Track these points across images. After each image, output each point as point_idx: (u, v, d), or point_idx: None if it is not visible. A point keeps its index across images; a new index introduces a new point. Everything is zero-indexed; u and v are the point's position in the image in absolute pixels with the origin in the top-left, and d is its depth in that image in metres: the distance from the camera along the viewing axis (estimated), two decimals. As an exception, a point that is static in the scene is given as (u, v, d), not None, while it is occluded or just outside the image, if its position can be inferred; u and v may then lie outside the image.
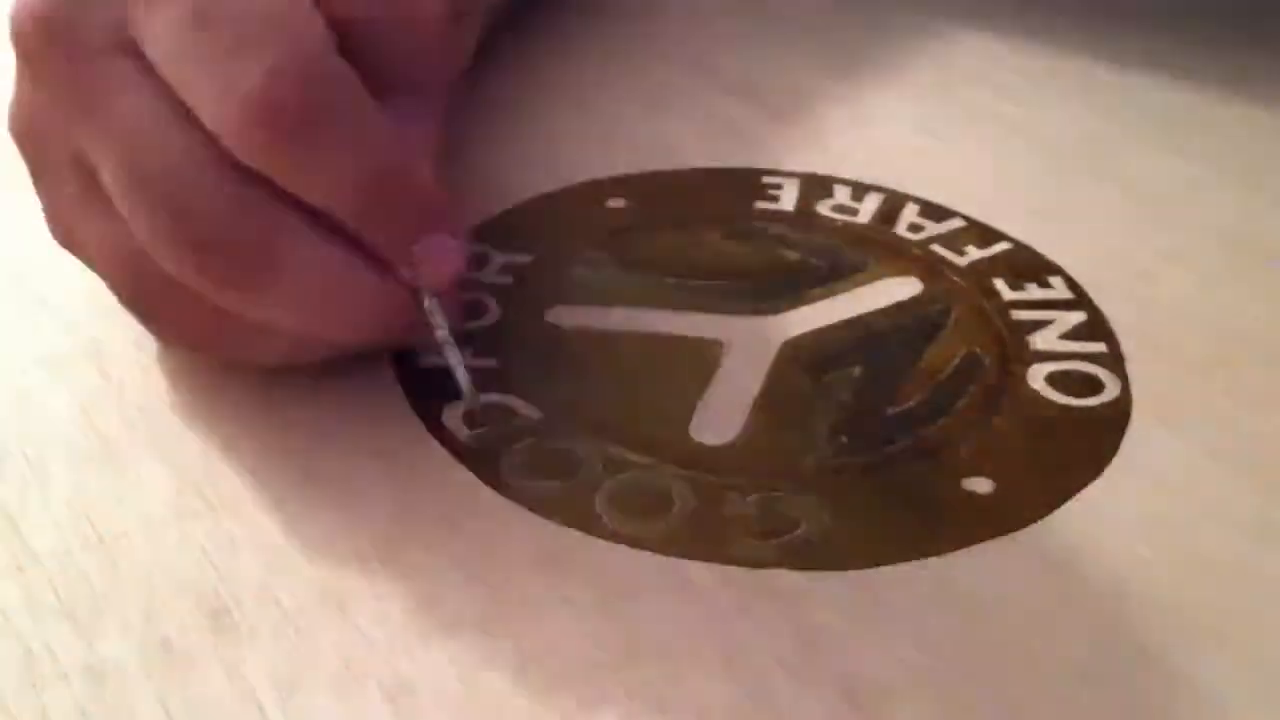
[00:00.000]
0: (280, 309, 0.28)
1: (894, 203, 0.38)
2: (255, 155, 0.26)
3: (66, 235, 0.30)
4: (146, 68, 0.27)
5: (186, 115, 0.27)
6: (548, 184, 0.39)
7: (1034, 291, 0.35)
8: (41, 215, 0.30)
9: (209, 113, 0.26)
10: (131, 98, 0.27)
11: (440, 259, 0.29)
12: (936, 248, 0.36)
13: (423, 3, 0.30)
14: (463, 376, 0.30)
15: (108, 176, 0.27)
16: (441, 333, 0.30)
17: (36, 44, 0.28)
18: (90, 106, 0.27)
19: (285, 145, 0.26)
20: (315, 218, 0.27)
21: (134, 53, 0.27)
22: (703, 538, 0.27)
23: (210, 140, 0.26)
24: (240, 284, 0.27)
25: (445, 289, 0.29)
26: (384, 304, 0.29)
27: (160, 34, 0.27)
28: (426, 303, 0.29)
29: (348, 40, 0.28)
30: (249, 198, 0.27)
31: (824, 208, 0.38)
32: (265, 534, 0.27)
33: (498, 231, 0.36)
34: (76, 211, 0.29)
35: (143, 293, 0.29)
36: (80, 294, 0.34)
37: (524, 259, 0.35)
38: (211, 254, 0.26)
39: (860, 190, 0.39)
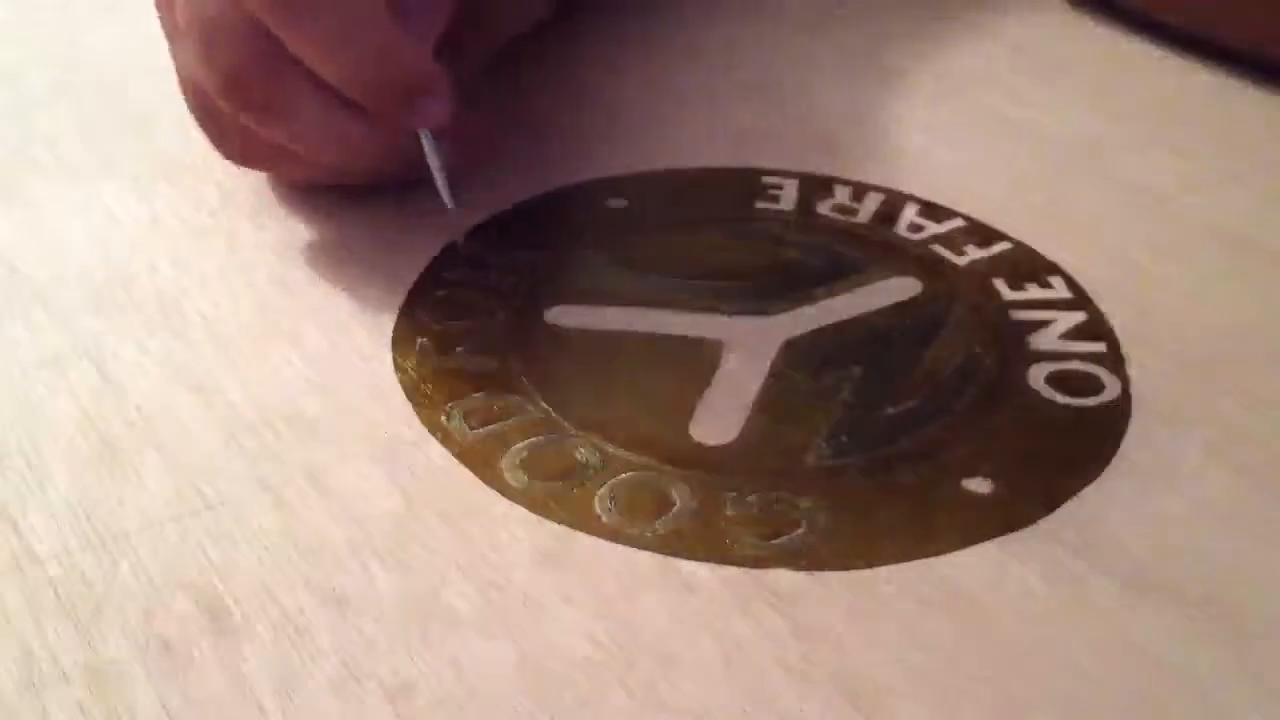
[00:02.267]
0: (289, 138, 0.33)
1: (894, 203, 0.38)
2: (265, 19, 0.32)
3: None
4: None
5: None
6: (548, 184, 0.39)
7: (1034, 291, 0.35)
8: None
9: None
10: None
11: (422, 120, 0.34)
12: (936, 248, 0.36)
13: None
14: (441, 179, 0.34)
15: (178, 13, 0.34)
16: (428, 143, 0.34)
17: None
18: None
19: (283, 24, 0.32)
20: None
21: None
22: (703, 538, 0.27)
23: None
24: (254, 111, 0.33)
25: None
26: (381, 139, 0.34)
27: None
28: (423, 136, 0.34)
29: None
30: (269, 48, 0.32)
31: (824, 208, 0.38)
32: (265, 534, 0.27)
33: (498, 231, 0.36)
34: (172, 36, 0.35)
35: (201, 111, 0.35)
36: (80, 294, 0.34)
37: (524, 259, 0.35)
38: (232, 83, 0.32)
39: (860, 190, 0.39)
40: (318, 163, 0.35)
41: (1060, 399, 0.31)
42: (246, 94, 0.33)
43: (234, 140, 0.35)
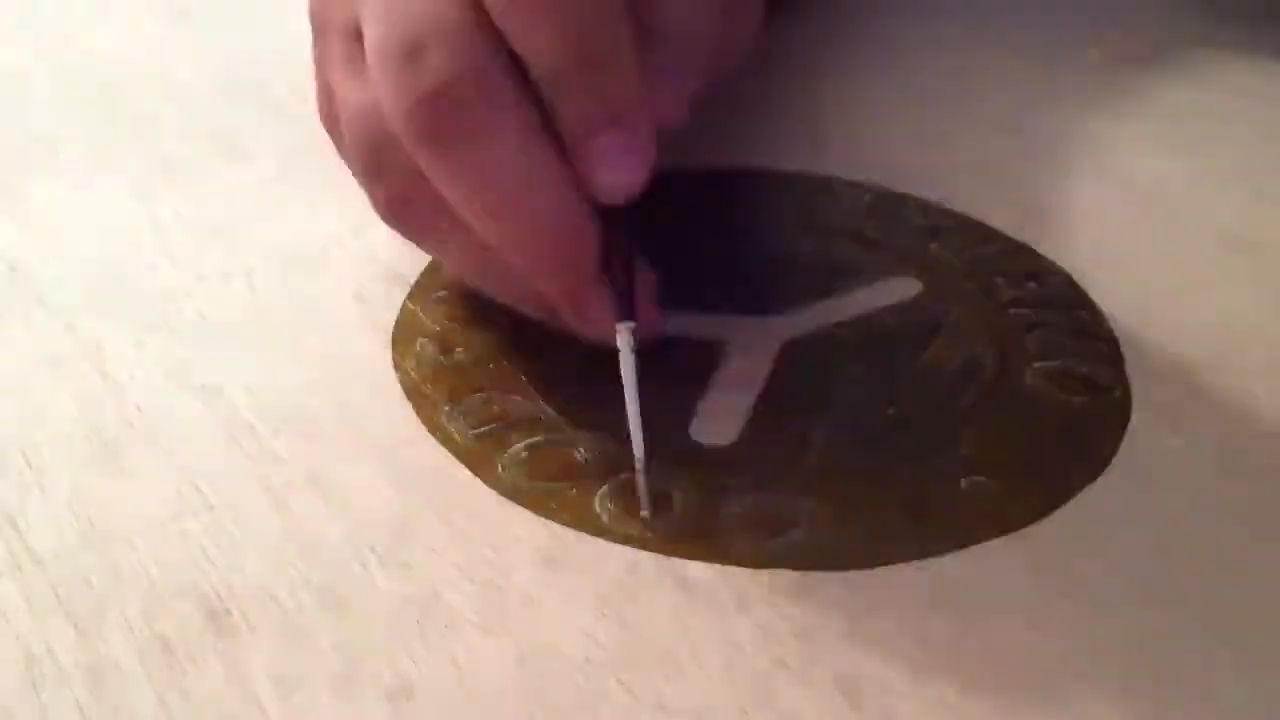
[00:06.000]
0: (469, 182, 0.28)
1: (894, 202, 0.38)
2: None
3: (327, 105, 0.32)
4: None
5: None
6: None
7: (1034, 291, 0.35)
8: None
9: None
10: None
11: (615, 161, 0.29)
12: (936, 248, 0.36)
13: None
14: (638, 437, 0.28)
15: (367, 28, 0.29)
16: (628, 373, 0.28)
17: None
18: None
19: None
20: (538, 113, 0.28)
21: None
22: (703, 538, 0.27)
23: (465, 5, 0.28)
24: (446, 139, 0.27)
25: (614, 200, 0.29)
26: (566, 225, 0.28)
27: None
28: (621, 334, 0.28)
29: None
30: (483, 63, 0.27)
31: (823, 207, 0.38)
32: (265, 534, 0.27)
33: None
34: (339, 77, 0.30)
35: (372, 154, 0.30)
36: (80, 293, 0.34)
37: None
38: (427, 104, 0.27)
39: (860, 190, 0.39)
40: (480, 244, 0.29)
41: (1060, 398, 0.31)
42: (443, 115, 0.27)
43: (395, 185, 0.30)
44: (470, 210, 0.28)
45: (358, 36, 0.30)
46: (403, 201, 0.30)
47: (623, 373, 0.28)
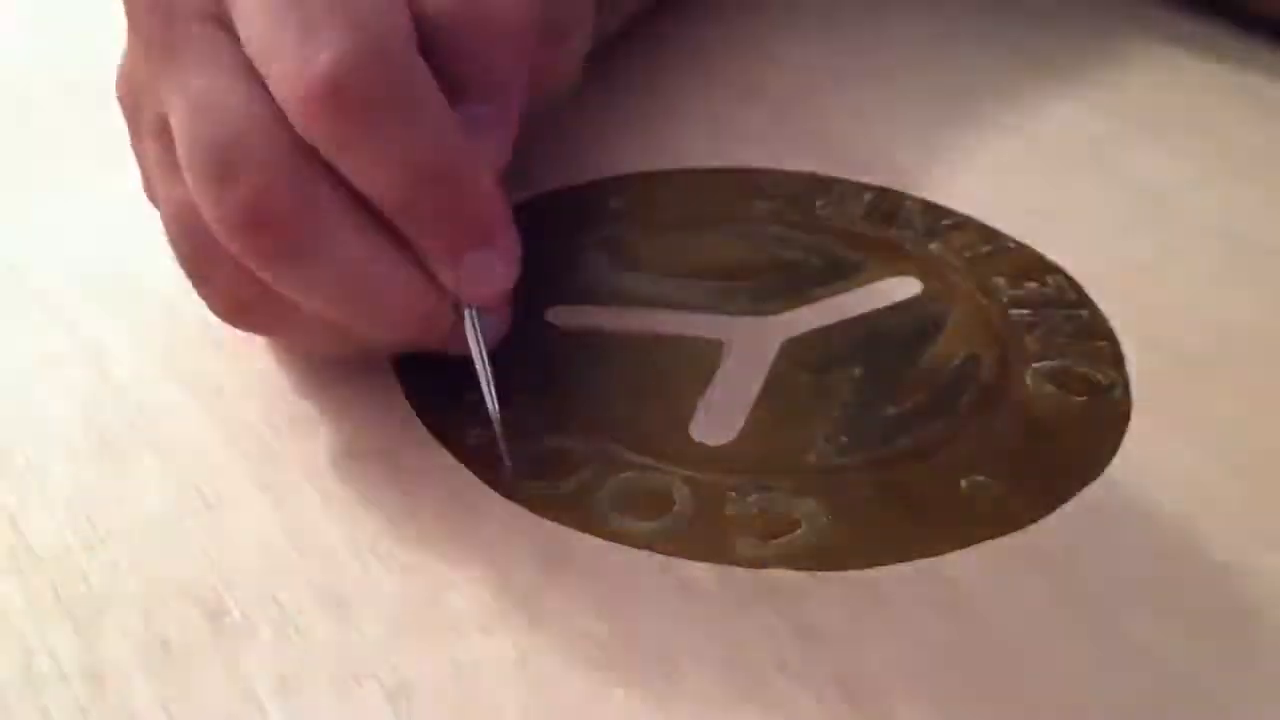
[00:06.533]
0: (314, 291, 0.27)
1: (894, 202, 0.38)
2: (313, 132, 0.26)
3: (151, 194, 0.31)
4: (233, 38, 0.28)
5: (259, 86, 0.27)
6: (548, 184, 0.39)
7: (1034, 291, 0.35)
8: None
9: (279, 84, 0.27)
10: (210, 62, 0.27)
11: (484, 276, 0.28)
12: (936, 248, 0.36)
13: (509, 10, 0.29)
14: (491, 401, 0.28)
15: (175, 134, 0.27)
16: (476, 349, 0.29)
17: (140, 7, 0.29)
18: (174, 66, 0.28)
19: (342, 126, 0.26)
20: (368, 206, 0.27)
21: (224, 23, 0.28)
22: (703, 538, 0.27)
23: (278, 114, 0.27)
24: (278, 256, 0.27)
25: (485, 306, 0.29)
26: (421, 306, 0.28)
27: (248, 6, 0.27)
28: (467, 315, 0.29)
29: (426, 37, 0.28)
30: (302, 173, 0.27)
31: (823, 207, 0.38)
32: (265, 534, 0.27)
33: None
34: (157, 171, 0.29)
35: (198, 256, 0.28)
36: (80, 293, 0.34)
37: (524, 259, 0.35)
38: (253, 222, 0.26)
39: (859, 190, 0.39)
40: (334, 320, 0.28)
41: (1060, 399, 0.31)
42: (275, 231, 0.26)
43: (227, 287, 0.29)
44: (318, 309, 0.28)
45: (168, 128, 0.28)
46: (239, 307, 0.29)
47: (470, 343, 0.29)
